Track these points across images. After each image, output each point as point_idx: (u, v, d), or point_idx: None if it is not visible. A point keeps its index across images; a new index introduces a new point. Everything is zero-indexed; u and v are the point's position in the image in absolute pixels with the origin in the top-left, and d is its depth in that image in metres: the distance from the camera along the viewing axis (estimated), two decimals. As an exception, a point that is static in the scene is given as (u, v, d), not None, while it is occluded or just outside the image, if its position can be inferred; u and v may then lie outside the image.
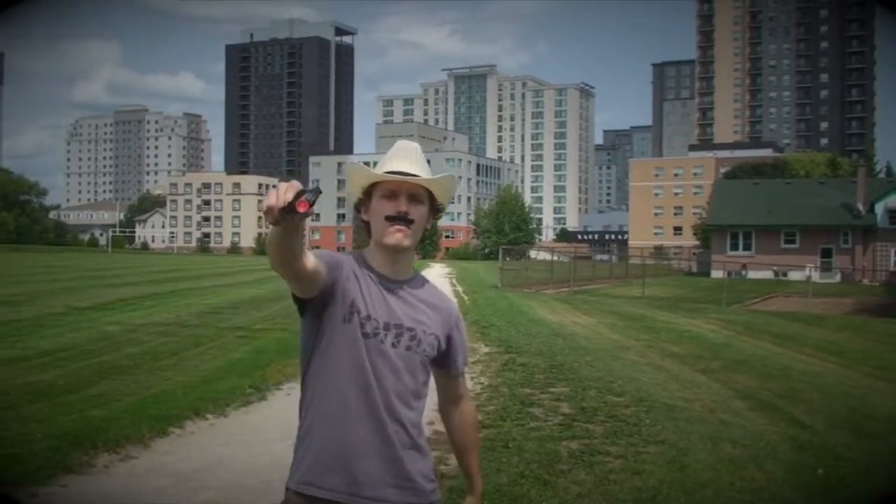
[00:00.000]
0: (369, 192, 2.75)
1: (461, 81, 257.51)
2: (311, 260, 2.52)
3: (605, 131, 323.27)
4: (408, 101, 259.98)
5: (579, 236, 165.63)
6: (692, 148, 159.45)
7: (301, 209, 2.25)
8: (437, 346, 2.77)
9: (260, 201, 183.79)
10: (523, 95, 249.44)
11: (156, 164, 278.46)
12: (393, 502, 2.62)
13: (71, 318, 18.35)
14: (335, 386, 2.63)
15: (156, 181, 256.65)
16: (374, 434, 2.61)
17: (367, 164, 2.83)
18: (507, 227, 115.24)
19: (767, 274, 65.06)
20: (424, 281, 2.85)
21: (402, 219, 2.67)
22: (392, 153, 2.76)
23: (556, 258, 52.92)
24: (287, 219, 2.28)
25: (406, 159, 2.73)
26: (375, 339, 2.64)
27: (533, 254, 71.32)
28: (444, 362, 2.84)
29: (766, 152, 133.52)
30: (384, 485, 2.61)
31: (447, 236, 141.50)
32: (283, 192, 2.25)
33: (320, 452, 2.62)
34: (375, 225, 2.72)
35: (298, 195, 2.26)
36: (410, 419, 2.68)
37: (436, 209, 2.80)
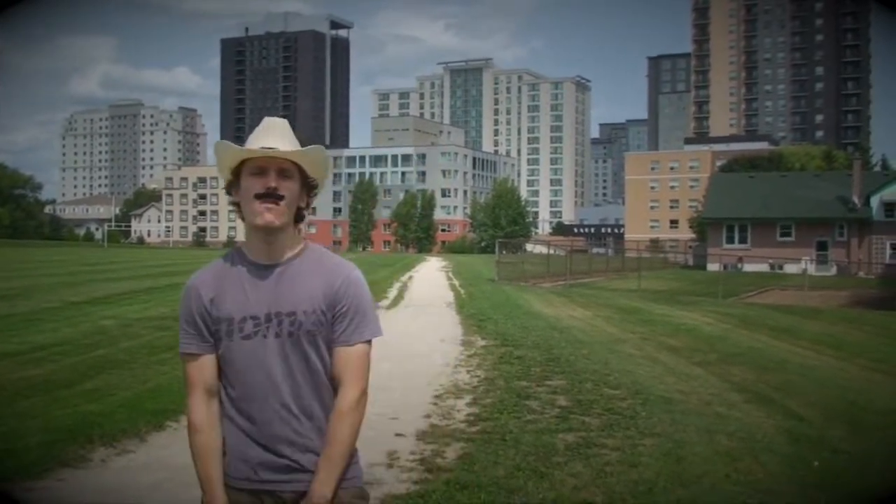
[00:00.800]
0: (238, 172, 2.68)
1: (457, 75, 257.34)
2: (214, 380, 2.70)
3: (601, 125, 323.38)
4: (403, 95, 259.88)
5: (575, 230, 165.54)
6: (688, 141, 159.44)
7: None
8: (324, 321, 2.66)
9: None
10: (519, 89, 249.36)
11: (151, 159, 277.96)
12: (288, 483, 2.65)
13: (67, 313, 18.33)
14: (238, 387, 2.67)
15: (151, 175, 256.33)
16: (274, 423, 2.64)
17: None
18: (504, 221, 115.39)
19: (763, 267, 65.12)
20: (312, 253, 2.74)
21: (270, 195, 2.59)
22: (259, 130, 2.70)
23: (552, 252, 52.93)
24: None
25: (273, 135, 2.66)
26: (257, 336, 2.64)
27: (529, 247, 71.26)
28: (331, 331, 2.69)
29: (762, 145, 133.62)
30: (280, 469, 2.65)
31: (444, 230, 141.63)
32: None
33: (231, 448, 2.68)
34: (245, 205, 2.65)
35: None
36: (306, 402, 2.67)
37: (309, 186, 2.73)
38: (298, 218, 2.72)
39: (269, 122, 2.73)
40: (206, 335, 2.68)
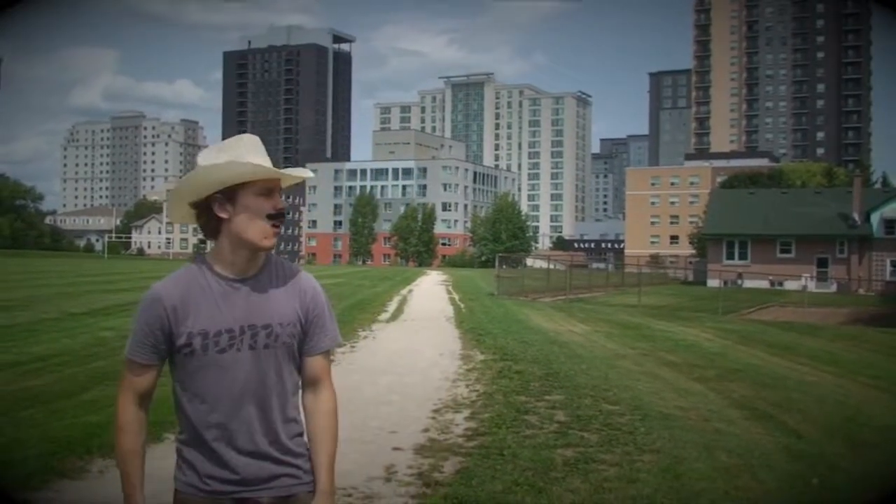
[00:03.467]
0: (230, 189, 2.65)
1: (458, 89, 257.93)
2: (150, 388, 2.73)
3: (601, 140, 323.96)
4: (405, 109, 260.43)
5: (576, 245, 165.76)
6: (688, 157, 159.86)
7: None
8: (299, 331, 2.75)
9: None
10: (520, 104, 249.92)
11: (152, 171, 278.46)
12: (268, 489, 2.70)
13: (66, 324, 18.31)
14: (210, 400, 2.67)
15: (152, 187, 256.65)
16: (250, 432, 2.68)
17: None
18: (504, 235, 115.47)
19: (763, 283, 65.21)
20: (276, 264, 2.78)
21: (280, 215, 2.68)
22: (246, 147, 2.69)
23: (552, 266, 52.93)
24: None
25: (262, 154, 2.70)
26: (232, 349, 2.66)
27: (529, 262, 71.30)
28: (303, 342, 2.79)
29: (763, 162, 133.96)
30: (260, 479, 2.70)
31: (444, 244, 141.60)
32: None
33: (203, 462, 2.71)
34: (250, 224, 2.64)
35: None
36: (278, 411, 2.72)
37: None
38: None
39: (250, 139, 2.74)
40: (160, 348, 2.67)
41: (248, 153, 2.66)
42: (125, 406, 2.71)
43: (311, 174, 2.87)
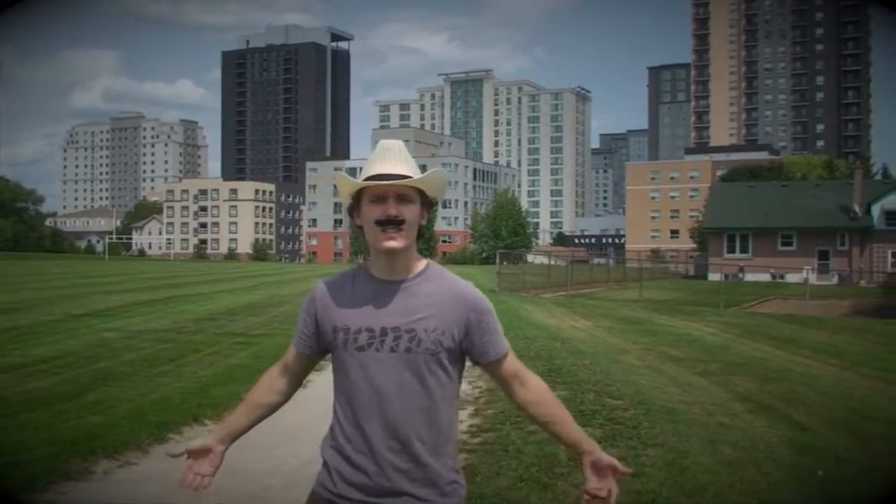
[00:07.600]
0: (358, 197, 2.73)
1: (457, 86, 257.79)
2: (296, 370, 2.92)
3: (601, 135, 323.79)
4: (404, 107, 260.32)
5: (576, 240, 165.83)
6: (688, 151, 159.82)
7: None
8: (449, 340, 2.69)
9: (257, 207, 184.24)
10: (519, 100, 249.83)
11: (152, 171, 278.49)
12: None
13: (68, 325, 18.32)
14: (350, 402, 2.68)
15: (152, 188, 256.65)
16: (382, 443, 2.63)
17: (354, 169, 2.85)
18: (504, 232, 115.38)
19: (765, 276, 65.15)
20: (435, 273, 2.78)
21: (391, 222, 2.64)
22: (375, 155, 2.74)
23: (553, 262, 52.91)
24: None
25: (390, 160, 2.71)
26: (370, 349, 2.65)
27: (530, 258, 71.28)
28: (474, 352, 2.79)
29: (763, 155, 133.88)
30: (385, 493, 2.63)
31: (444, 241, 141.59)
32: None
33: (337, 466, 2.69)
34: (368, 230, 2.70)
35: None
36: (414, 422, 2.65)
37: (429, 204, 2.77)
38: (418, 235, 2.75)
39: (385, 145, 2.77)
40: (310, 338, 2.82)
41: (374, 163, 2.73)
42: (268, 371, 2.97)
43: (439, 174, 2.78)
